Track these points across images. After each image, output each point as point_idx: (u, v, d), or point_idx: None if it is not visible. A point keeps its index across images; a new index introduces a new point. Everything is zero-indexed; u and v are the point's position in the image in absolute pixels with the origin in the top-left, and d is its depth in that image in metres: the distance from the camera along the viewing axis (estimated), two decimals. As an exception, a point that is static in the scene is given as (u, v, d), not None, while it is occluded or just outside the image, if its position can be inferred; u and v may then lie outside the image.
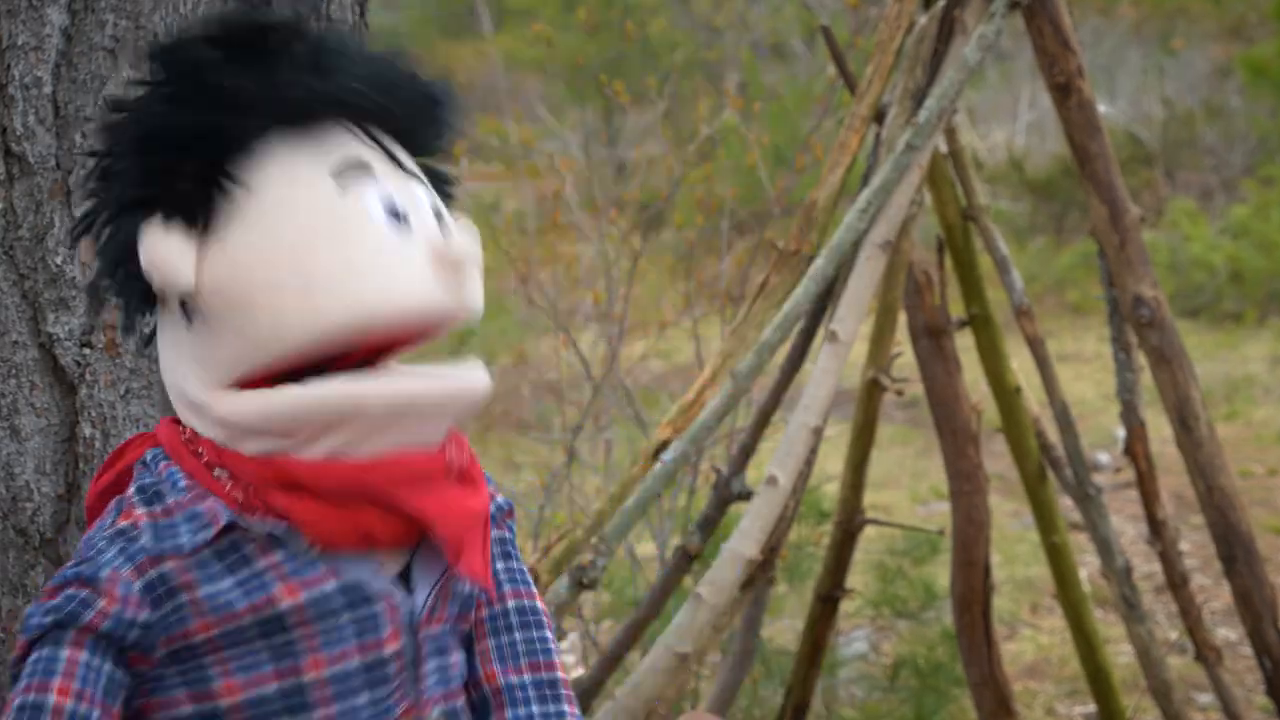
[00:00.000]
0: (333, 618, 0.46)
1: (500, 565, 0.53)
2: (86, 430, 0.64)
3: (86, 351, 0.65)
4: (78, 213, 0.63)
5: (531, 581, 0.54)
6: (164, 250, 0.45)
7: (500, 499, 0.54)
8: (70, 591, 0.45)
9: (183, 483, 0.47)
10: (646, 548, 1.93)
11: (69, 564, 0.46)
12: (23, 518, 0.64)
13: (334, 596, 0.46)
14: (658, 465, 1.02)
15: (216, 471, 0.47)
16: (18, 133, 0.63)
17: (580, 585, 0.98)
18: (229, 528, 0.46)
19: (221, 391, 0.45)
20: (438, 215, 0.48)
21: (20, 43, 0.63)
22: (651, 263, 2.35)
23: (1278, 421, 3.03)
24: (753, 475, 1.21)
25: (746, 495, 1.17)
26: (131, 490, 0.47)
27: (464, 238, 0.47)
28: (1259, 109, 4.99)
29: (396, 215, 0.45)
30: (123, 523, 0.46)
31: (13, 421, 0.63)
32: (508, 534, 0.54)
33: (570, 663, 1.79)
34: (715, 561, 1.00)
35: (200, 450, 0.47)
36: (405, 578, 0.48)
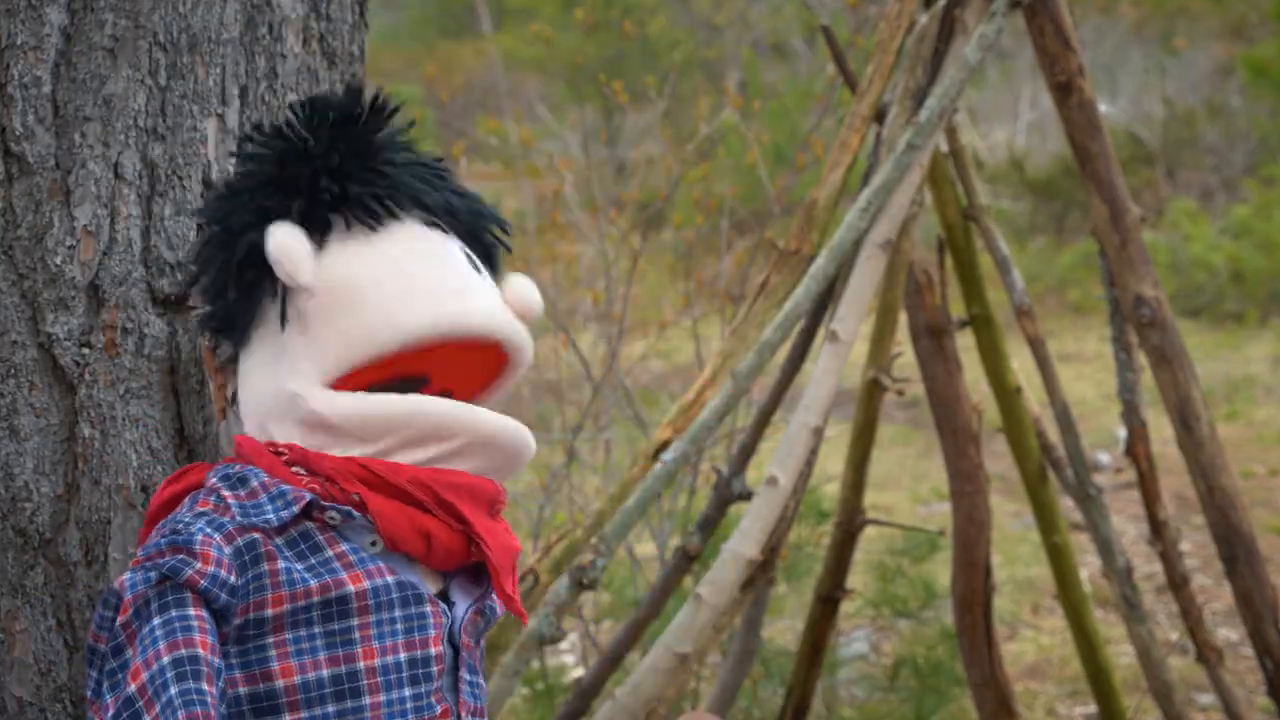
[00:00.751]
0: (388, 610, 0.51)
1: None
2: (86, 430, 0.64)
3: (86, 351, 0.65)
4: (76, 212, 0.63)
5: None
6: (291, 242, 0.54)
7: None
8: (168, 556, 0.50)
9: (264, 475, 0.53)
10: (646, 548, 1.93)
11: (155, 539, 0.52)
12: (22, 518, 0.64)
13: (392, 589, 0.51)
14: (658, 465, 1.02)
15: (295, 468, 0.53)
16: (17, 132, 0.63)
17: (580, 585, 0.98)
18: (308, 511, 0.52)
19: (319, 389, 0.52)
20: (473, 265, 0.58)
21: (19, 42, 0.63)
22: (651, 262, 2.35)
23: (1279, 422, 3.03)
24: (753, 475, 1.21)
25: (747, 495, 1.17)
26: (214, 479, 0.54)
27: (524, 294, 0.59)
28: (1260, 109, 4.99)
29: (472, 262, 0.57)
30: (201, 508, 0.53)
31: (12, 421, 0.63)
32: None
33: (570, 663, 1.79)
34: (715, 562, 1.00)
35: (281, 450, 0.54)
36: (444, 598, 0.55)
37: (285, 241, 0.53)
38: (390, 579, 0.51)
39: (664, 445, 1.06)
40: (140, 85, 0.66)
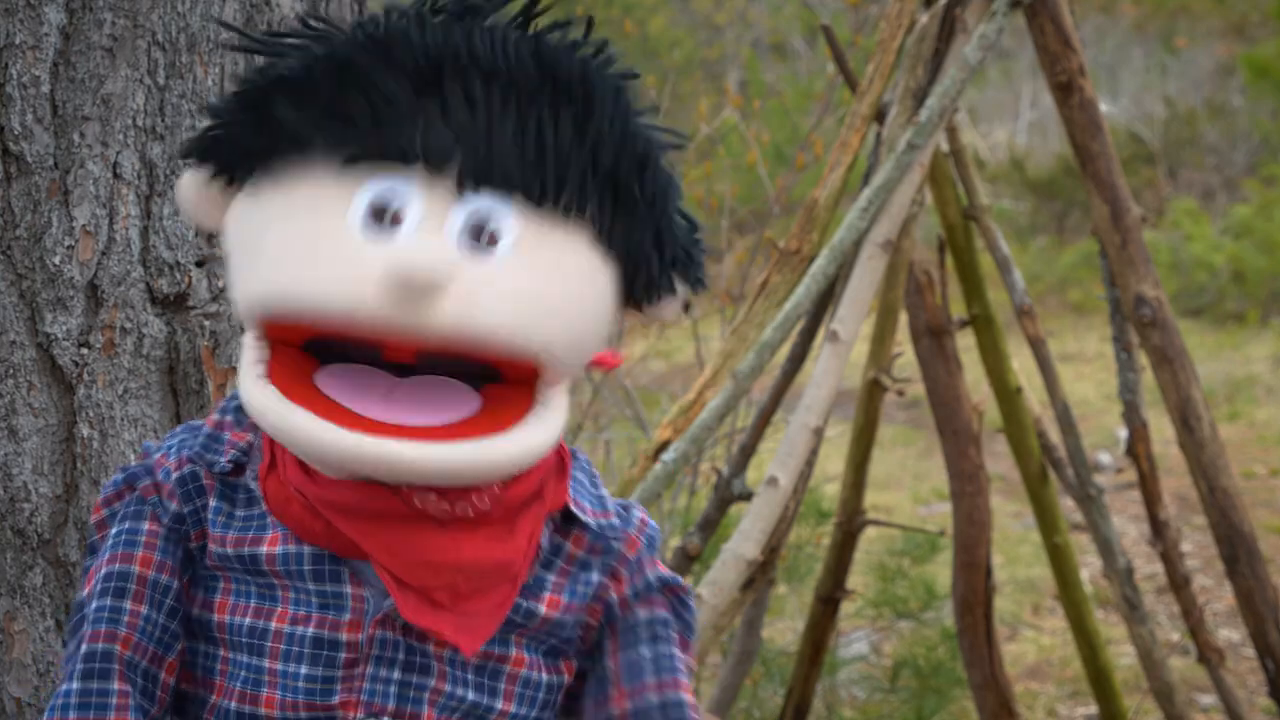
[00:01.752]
0: (299, 579, 0.45)
1: (647, 650, 0.48)
2: (84, 430, 0.64)
3: (84, 351, 0.64)
4: (75, 211, 0.63)
5: (682, 671, 0.48)
6: (197, 194, 0.45)
7: (653, 574, 0.49)
8: (141, 461, 0.49)
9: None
10: (647, 548, 1.93)
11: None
12: (20, 518, 0.64)
13: (305, 559, 0.45)
14: (658, 466, 1.02)
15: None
16: (15, 132, 0.63)
17: (580, 586, 0.98)
18: (239, 468, 0.47)
19: (250, 337, 0.44)
20: (476, 232, 0.41)
21: (18, 41, 0.63)
22: (652, 262, 2.33)
23: (1280, 422, 3.04)
24: (753, 476, 1.21)
25: (747, 496, 1.17)
26: (232, 392, 0.48)
27: (458, 260, 0.40)
28: (1261, 108, 4.98)
29: (381, 216, 0.41)
30: (199, 421, 0.49)
31: (10, 422, 0.63)
32: (661, 614, 0.48)
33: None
34: (715, 562, 1.00)
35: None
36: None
37: (190, 194, 0.44)
38: (307, 548, 0.44)
39: (664, 445, 1.06)
40: (139, 85, 0.65)
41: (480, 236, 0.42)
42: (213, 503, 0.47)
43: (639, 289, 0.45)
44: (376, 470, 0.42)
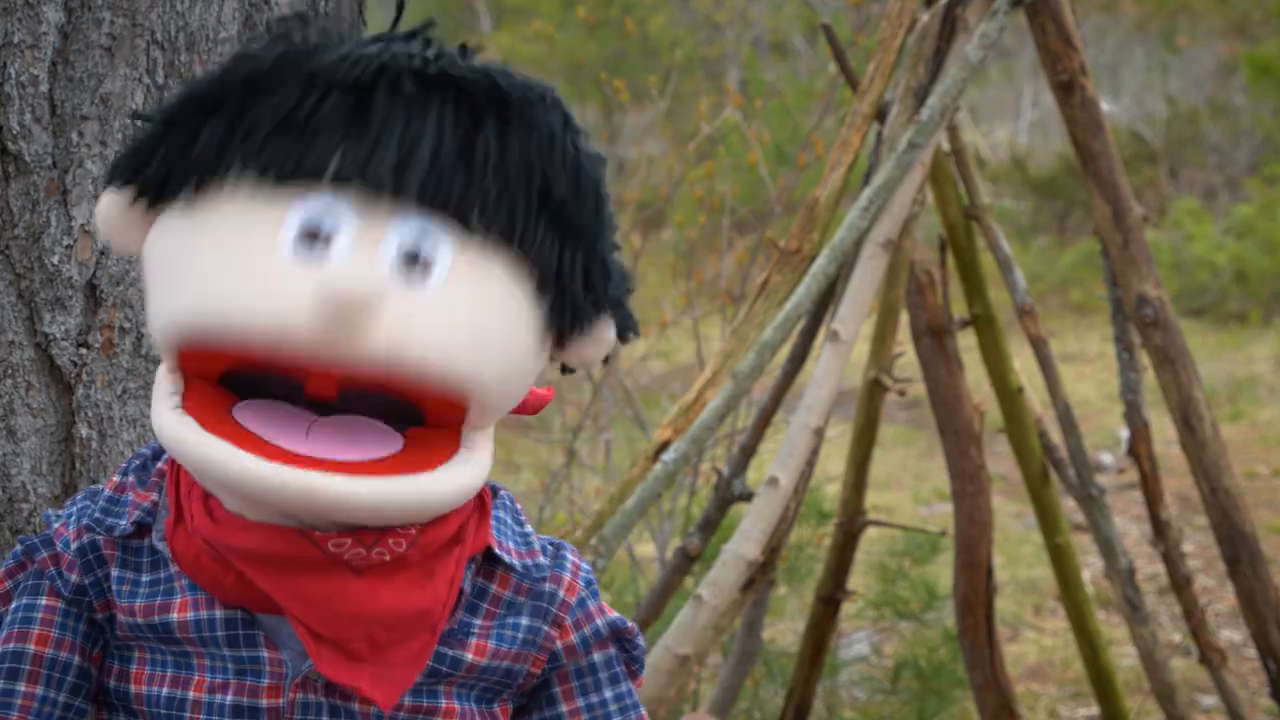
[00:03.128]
0: (214, 645, 0.44)
1: (609, 693, 0.47)
2: (83, 431, 0.64)
3: (83, 351, 0.64)
4: (74, 211, 0.63)
5: (641, 707, 0.48)
6: (117, 215, 0.43)
7: (603, 620, 0.48)
8: (41, 532, 0.47)
9: (160, 464, 0.46)
10: (647, 549, 1.93)
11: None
12: (19, 519, 0.63)
13: (218, 624, 0.44)
14: (658, 466, 1.02)
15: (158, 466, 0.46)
16: (14, 131, 0.63)
17: (580, 586, 0.98)
18: (142, 530, 0.45)
19: (165, 370, 0.42)
20: (410, 259, 0.40)
21: (16, 40, 0.63)
22: (652, 262, 2.34)
23: (1282, 422, 3.04)
24: (753, 476, 1.21)
25: (747, 496, 1.17)
26: (137, 452, 0.47)
27: (391, 285, 0.38)
28: (1263, 107, 4.97)
29: (314, 236, 0.39)
30: (104, 485, 0.47)
31: (8, 422, 0.63)
32: (613, 651, 0.48)
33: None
34: (716, 563, 1.00)
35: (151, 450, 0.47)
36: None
37: (108, 216, 0.42)
38: (219, 613, 0.43)
39: (664, 446, 1.06)
40: (138, 84, 0.65)
41: (414, 263, 0.40)
42: (115, 572, 0.45)
43: (563, 321, 0.43)
44: (300, 504, 0.39)
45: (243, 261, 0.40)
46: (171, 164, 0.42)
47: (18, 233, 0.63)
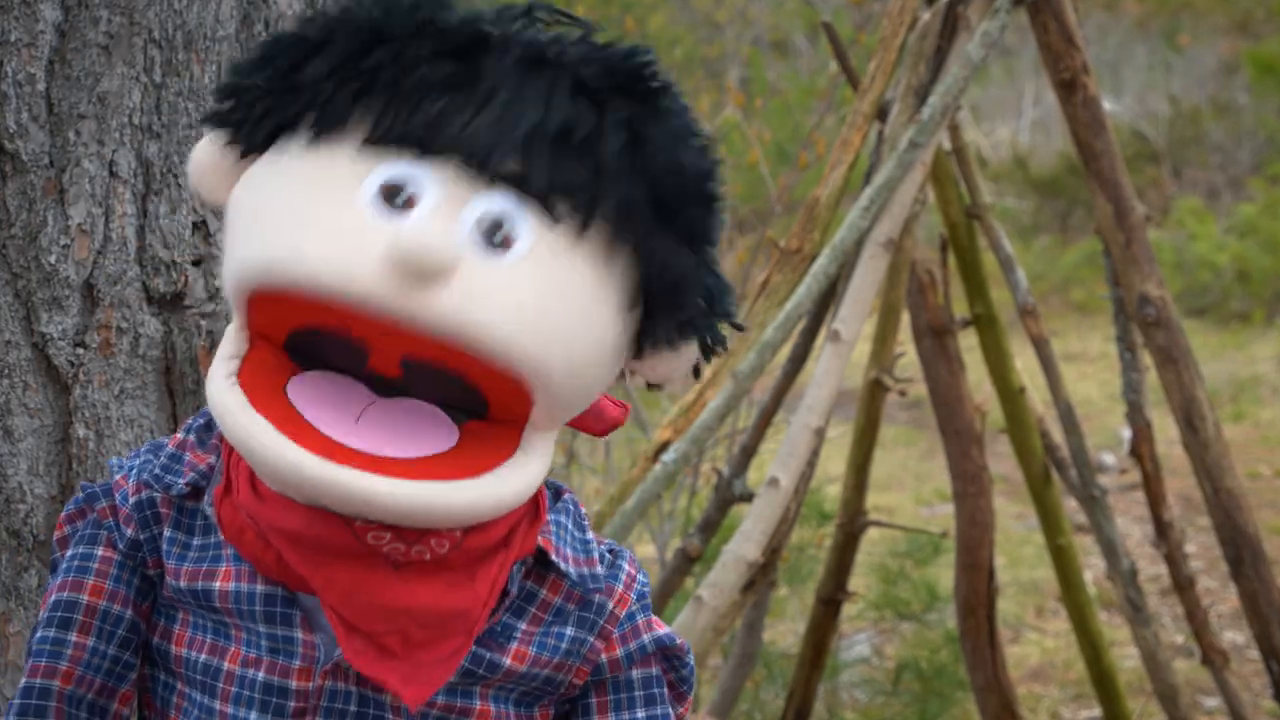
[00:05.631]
0: (250, 619, 0.43)
1: (642, 713, 0.45)
2: (80, 431, 0.64)
3: (80, 351, 0.64)
4: (71, 210, 0.62)
5: None
6: (210, 162, 0.42)
7: (649, 636, 0.45)
8: (102, 481, 0.47)
9: (219, 429, 0.43)
10: (646, 549, 1.92)
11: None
12: (15, 519, 0.63)
13: (257, 599, 0.42)
14: (658, 466, 1.02)
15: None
16: (10, 130, 0.62)
17: (579, 587, 0.97)
18: (197, 492, 0.44)
19: (233, 329, 0.41)
20: (491, 230, 0.38)
21: (13, 39, 0.63)
22: (653, 262, 2.31)
23: (1284, 422, 3.03)
24: (754, 476, 1.21)
25: (748, 497, 1.17)
26: (201, 410, 0.47)
27: (467, 252, 0.37)
28: (1266, 106, 4.96)
29: (393, 198, 0.38)
30: (168, 439, 0.46)
31: (5, 422, 0.63)
32: (655, 672, 0.46)
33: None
34: (716, 564, 0.99)
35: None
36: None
37: (200, 162, 0.42)
38: (260, 588, 0.42)
39: (664, 446, 1.06)
40: (135, 82, 0.65)
41: (494, 236, 0.38)
42: (167, 532, 0.44)
43: (649, 334, 0.40)
44: (336, 501, 0.39)
45: (321, 209, 0.39)
46: (266, 108, 0.40)
47: (14, 232, 0.63)
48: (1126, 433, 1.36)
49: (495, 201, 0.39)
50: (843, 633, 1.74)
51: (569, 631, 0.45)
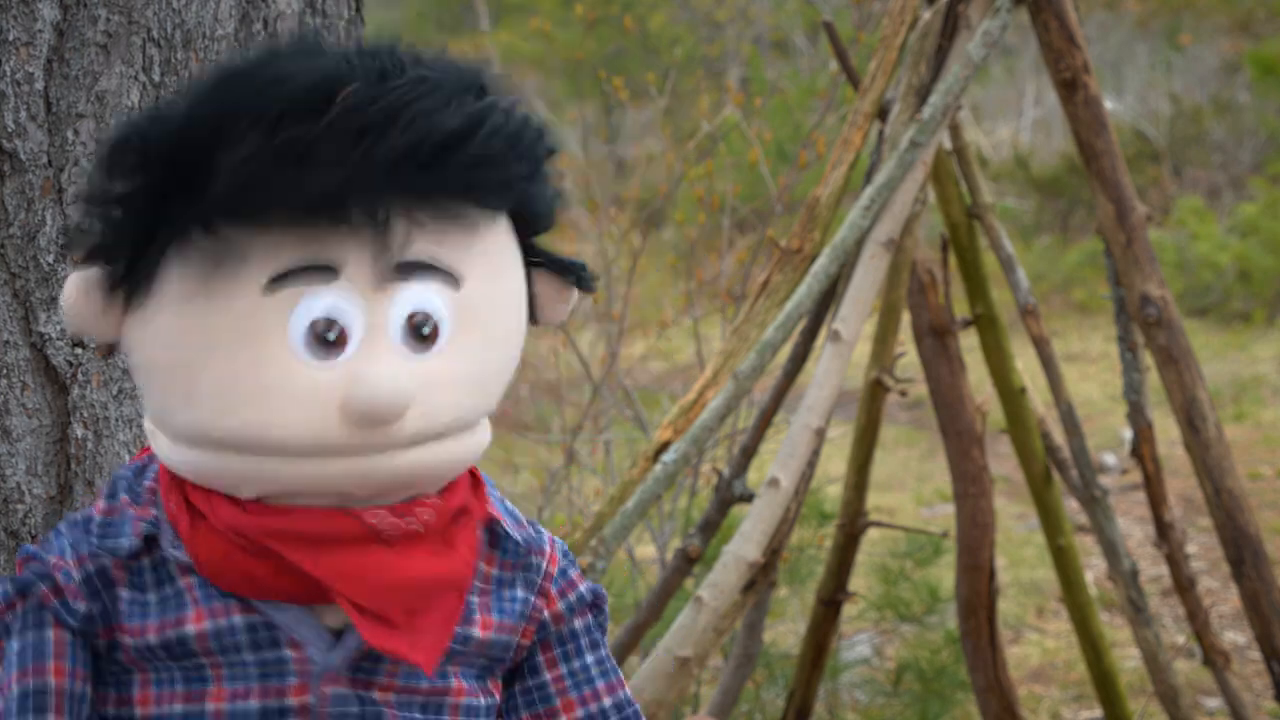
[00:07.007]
0: (235, 652, 0.44)
1: (590, 658, 0.48)
2: (79, 431, 0.64)
3: (78, 351, 0.64)
4: (69, 210, 0.63)
5: (620, 672, 0.50)
6: (83, 302, 0.41)
7: (584, 586, 0.49)
8: (30, 566, 0.46)
9: (147, 482, 0.46)
10: (646, 550, 1.93)
11: (44, 538, 0.47)
12: (14, 519, 0.63)
13: (239, 630, 0.43)
14: (658, 467, 1.01)
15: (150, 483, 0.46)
16: (9, 129, 0.62)
17: (579, 588, 0.97)
18: (150, 544, 0.45)
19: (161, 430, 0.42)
20: (416, 330, 0.40)
21: (11, 38, 0.62)
22: (651, 261, 2.34)
23: (1286, 423, 3.02)
24: (754, 477, 1.20)
25: (748, 497, 1.16)
26: (119, 473, 0.47)
27: (410, 373, 0.39)
28: (1268, 106, 4.95)
29: (326, 338, 0.39)
30: (91, 511, 0.46)
31: (3, 422, 0.62)
32: (592, 619, 0.49)
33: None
34: (716, 564, 0.99)
35: (146, 463, 0.46)
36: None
37: (74, 301, 0.40)
38: (238, 618, 0.43)
39: (664, 446, 1.05)
40: (134, 82, 0.65)
41: (423, 328, 0.40)
42: (125, 594, 0.44)
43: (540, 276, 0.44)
44: (362, 463, 0.40)
45: (260, 375, 0.39)
46: (136, 245, 0.39)
47: (13, 232, 0.63)
48: (1128, 433, 1.35)
49: (409, 293, 0.40)
50: (843, 633, 1.74)
51: (519, 593, 0.48)
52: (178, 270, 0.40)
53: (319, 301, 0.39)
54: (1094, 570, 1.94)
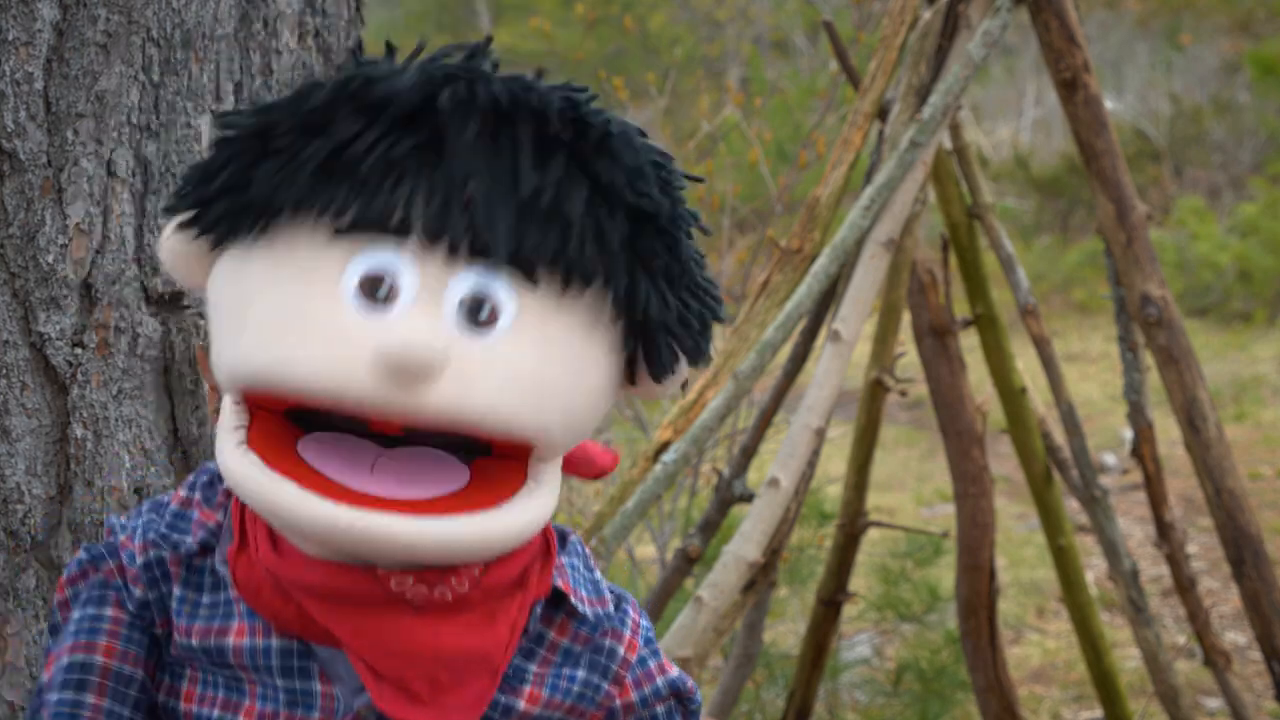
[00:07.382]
0: (267, 674, 0.43)
1: None
2: (78, 431, 0.64)
3: (78, 351, 0.64)
4: (69, 210, 0.62)
5: None
6: (180, 252, 0.43)
7: (663, 680, 0.47)
8: (105, 540, 0.46)
9: (223, 484, 0.46)
10: (646, 550, 1.93)
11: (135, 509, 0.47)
12: (13, 520, 0.63)
13: (273, 654, 0.43)
14: (658, 467, 1.01)
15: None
16: (8, 129, 0.62)
17: (579, 588, 0.97)
18: (206, 549, 0.45)
19: (229, 402, 0.42)
20: (474, 309, 0.39)
21: (11, 38, 0.62)
22: (653, 261, 2.31)
23: (1286, 422, 3.02)
24: (754, 477, 1.20)
25: (748, 497, 1.16)
26: (201, 466, 0.48)
27: (454, 341, 0.38)
28: (1268, 105, 4.96)
29: (374, 292, 0.39)
30: (169, 497, 0.47)
31: (3, 422, 0.62)
32: (674, 705, 0.48)
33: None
34: (716, 564, 0.99)
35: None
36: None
37: (172, 251, 0.42)
38: (274, 642, 0.43)
39: (664, 446, 1.05)
40: (133, 81, 0.65)
41: (478, 314, 0.39)
42: (177, 590, 0.44)
43: (642, 364, 0.42)
44: (366, 546, 0.39)
45: (303, 312, 0.39)
46: (229, 205, 0.41)
47: (12, 231, 0.63)
48: (1128, 433, 1.36)
49: (474, 278, 0.39)
50: (843, 633, 1.74)
51: (580, 674, 0.46)
52: (256, 223, 0.41)
53: (378, 258, 0.39)
54: (1094, 570, 1.94)
